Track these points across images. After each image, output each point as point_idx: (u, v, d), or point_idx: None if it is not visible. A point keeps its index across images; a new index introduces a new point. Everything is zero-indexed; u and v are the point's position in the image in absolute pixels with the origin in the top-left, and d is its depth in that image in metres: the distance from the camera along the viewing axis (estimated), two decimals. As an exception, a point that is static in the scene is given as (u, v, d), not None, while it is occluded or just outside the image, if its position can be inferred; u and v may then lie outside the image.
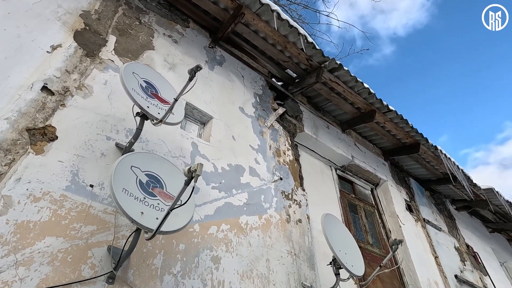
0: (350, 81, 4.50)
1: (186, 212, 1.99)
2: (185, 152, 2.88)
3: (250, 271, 2.61)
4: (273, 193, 3.35)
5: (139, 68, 2.49)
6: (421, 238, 5.05)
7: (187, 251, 2.35)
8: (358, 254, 2.89)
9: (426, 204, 6.04)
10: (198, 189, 2.73)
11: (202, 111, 3.39)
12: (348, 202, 4.76)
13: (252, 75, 4.40)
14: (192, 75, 2.16)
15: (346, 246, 2.83)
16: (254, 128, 3.79)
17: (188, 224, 1.92)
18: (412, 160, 5.98)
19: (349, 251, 2.82)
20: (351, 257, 2.77)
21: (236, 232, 2.74)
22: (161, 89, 2.55)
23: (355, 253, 2.88)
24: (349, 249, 2.84)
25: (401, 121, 4.99)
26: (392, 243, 2.49)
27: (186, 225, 1.90)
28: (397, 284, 4.24)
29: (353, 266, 2.69)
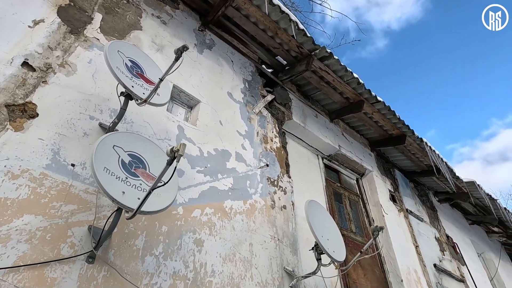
0: (340, 70, 4.50)
1: (168, 193, 1.97)
2: (170, 135, 2.85)
3: (233, 254, 2.62)
4: (259, 179, 3.36)
5: (125, 46, 2.43)
6: (403, 227, 5.16)
7: (170, 233, 2.34)
8: (340, 240, 2.94)
9: (409, 195, 6.16)
10: (183, 172, 2.72)
11: (189, 94, 3.35)
12: (334, 190, 4.81)
13: (241, 61, 4.35)
14: (178, 55, 2.12)
15: (329, 232, 2.87)
16: (242, 114, 3.77)
17: (170, 206, 1.91)
18: (398, 152, 6.06)
19: (331, 237, 2.86)
20: (333, 243, 2.82)
21: (220, 216, 2.74)
22: (147, 70, 2.50)
23: (337, 239, 2.92)
24: (331, 235, 2.88)
25: (388, 112, 5.03)
26: (373, 230, 2.54)
27: (168, 206, 1.89)
28: (378, 271, 4.34)
29: (335, 251, 2.74)
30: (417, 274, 4.62)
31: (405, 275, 4.38)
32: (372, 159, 5.73)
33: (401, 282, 4.28)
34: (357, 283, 3.87)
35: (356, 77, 4.57)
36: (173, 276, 2.19)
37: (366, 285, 3.96)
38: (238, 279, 2.53)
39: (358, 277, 3.96)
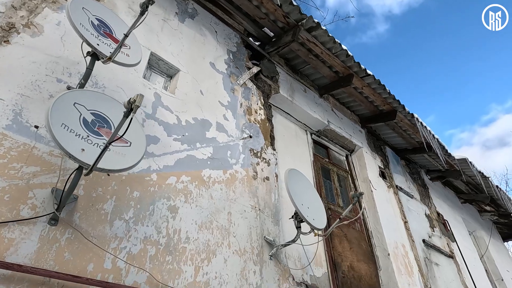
0: (328, 41, 4.37)
1: (134, 154, 1.90)
2: (146, 102, 2.75)
3: (210, 222, 2.57)
4: (241, 150, 3.28)
5: (91, 4, 2.31)
6: (392, 203, 5.13)
7: (142, 198, 2.28)
8: (320, 208, 2.89)
9: (400, 172, 6.11)
10: (158, 139, 2.63)
11: (168, 63, 3.23)
12: (321, 166, 4.75)
13: (226, 31, 4.21)
14: (143, 9, 2.01)
15: (309, 201, 2.81)
16: (225, 84, 3.66)
17: (134, 166, 1.84)
18: (389, 129, 5.98)
19: (312, 206, 2.80)
20: (313, 211, 2.76)
21: (197, 184, 2.68)
22: (117, 30, 2.39)
23: (317, 207, 2.87)
24: (312, 204, 2.83)
25: (378, 87, 4.93)
26: (353, 195, 2.48)
27: (132, 166, 1.81)
28: (365, 245, 4.32)
29: (315, 219, 2.69)
30: (404, 249, 4.61)
31: (392, 249, 4.36)
32: (362, 136, 5.66)
33: (387, 256, 4.27)
34: (342, 256, 3.85)
35: (345, 49, 4.45)
36: (144, 241, 2.13)
37: (352, 258, 3.94)
38: (214, 246, 2.48)
39: (344, 250, 3.94)
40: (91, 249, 1.89)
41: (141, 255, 2.07)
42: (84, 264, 1.84)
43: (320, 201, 2.98)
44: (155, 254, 2.14)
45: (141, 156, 1.90)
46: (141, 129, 2.06)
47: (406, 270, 4.32)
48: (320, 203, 2.97)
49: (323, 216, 2.84)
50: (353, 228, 4.40)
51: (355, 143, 5.36)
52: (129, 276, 1.96)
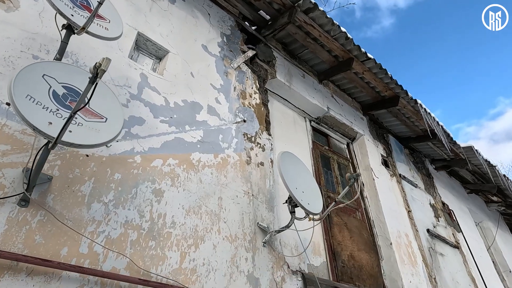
0: (326, 24, 4.20)
1: (110, 130, 1.76)
2: (131, 82, 2.61)
3: (199, 207, 2.43)
4: (234, 134, 3.14)
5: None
6: (395, 192, 4.96)
7: (124, 181, 2.14)
8: (316, 192, 2.74)
9: (403, 161, 5.93)
10: (144, 121, 2.50)
11: (157, 43, 3.09)
12: (321, 154, 4.59)
13: (220, 14, 4.06)
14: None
15: (304, 185, 2.67)
16: (218, 67, 3.51)
17: (109, 142, 1.70)
18: (391, 116, 5.79)
19: (307, 190, 2.66)
20: (308, 195, 2.62)
21: (185, 167, 2.54)
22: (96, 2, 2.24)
23: (313, 191, 2.72)
24: (307, 188, 2.68)
25: (380, 71, 4.74)
26: (349, 177, 2.33)
27: (106, 142, 1.68)
28: (366, 234, 4.17)
29: (310, 204, 2.54)
30: (408, 238, 4.45)
31: (394, 239, 4.21)
32: (364, 123, 5.48)
33: (390, 245, 4.11)
34: (342, 245, 3.70)
35: (343, 32, 4.27)
36: (124, 225, 2.00)
37: (352, 247, 3.80)
38: (203, 232, 2.34)
39: (344, 239, 3.79)
40: (66, 233, 1.76)
41: (121, 239, 1.95)
42: (58, 248, 1.71)
43: (316, 185, 2.83)
44: (136, 239, 2.01)
45: (117, 133, 1.76)
46: (119, 104, 1.93)
47: (409, 259, 4.16)
48: (316, 187, 2.82)
49: (319, 201, 2.69)
50: (354, 217, 4.24)
51: (356, 131, 5.19)
52: (108, 261, 1.83)
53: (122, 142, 2.28)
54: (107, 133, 1.73)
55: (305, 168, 2.87)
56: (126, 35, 2.86)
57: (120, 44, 2.75)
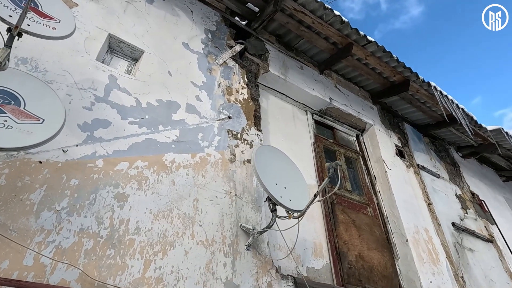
0: (317, 9, 3.93)
1: (45, 132, 1.64)
2: (97, 85, 2.51)
3: (169, 210, 2.27)
4: (216, 132, 2.96)
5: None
6: (412, 184, 4.55)
7: (81, 187, 2.02)
8: (302, 188, 2.48)
9: (423, 150, 5.47)
10: (110, 123, 2.38)
11: (131, 44, 2.99)
12: (325, 147, 4.30)
13: (204, 10, 3.92)
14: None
15: (287, 180, 2.43)
16: (201, 64, 3.36)
17: (38, 145, 1.57)
18: (405, 103, 5.37)
19: (291, 185, 2.41)
20: (292, 191, 2.37)
21: (156, 169, 2.39)
22: (46, 4, 2.15)
23: (298, 187, 2.47)
24: (291, 183, 2.44)
25: (384, 55, 4.39)
26: (328, 167, 2.06)
27: (29, 146, 1.55)
28: (378, 231, 3.81)
29: (292, 200, 2.29)
30: (428, 233, 4.03)
31: (411, 235, 3.82)
32: (373, 113, 5.11)
33: (406, 242, 3.74)
34: (349, 245, 3.39)
35: (338, 15, 3.99)
36: (79, 234, 1.87)
37: (361, 246, 3.47)
38: (173, 237, 2.17)
39: (351, 238, 3.48)
40: (8, 244, 1.65)
41: (74, 249, 1.81)
42: (-2, 262, 1.60)
43: (302, 179, 2.58)
44: (92, 247, 1.86)
45: (52, 134, 1.63)
46: (60, 104, 1.81)
47: (430, 257, 3.76)
48: (302, 181, 2.56)
49: (304, 196, 2.43)
50: (364, 213, 3.91)
51: (365, 121, 4.84)
52: (56, 273, 1.70)
53: (82, 146, 2.17)
54: (41, 135, 1.61)
55: (289, 161, 2.63)
56: (95, 38, 2.78)
57: (88, 47, 2.67)
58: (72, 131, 2.19)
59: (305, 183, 2.56)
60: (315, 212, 3.48)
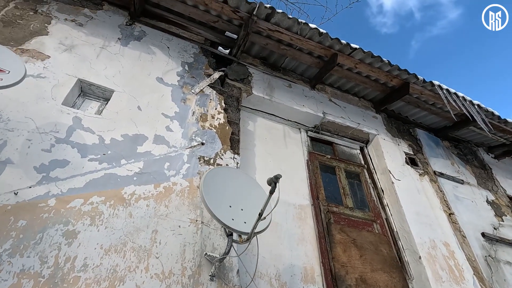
0: (292, 25, 3.90)
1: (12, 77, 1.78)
2: (60, 127, 2.62)
3: (123, 244, 2.21)
4: (185, 160, 2.92)
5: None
6: (427, 193, 4.12)
7: (29, 227, 2.05)
8: (260, 208, 2.30)
9: (441, 155, 4.99)
10: (68, 162, 2.44)
11: (101, 86, 3.12)
12: (321, 164, 4.07)
13: (181, 45, 4.04)
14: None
15: (247, 201, 2.28)
16: (174, 96, 3.41)
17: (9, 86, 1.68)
18: (413, 107, 5.02)
19: (250, 207, 2.26)
20: (252, 213, 2.21)
21: (112, 204, 2.37)
22: None
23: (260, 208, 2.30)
24: (251, 204, 2.28)
25: (374, 60, 4.19)
26: (268, 182, 1.90)
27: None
28: (386, 250, 3.44)
29: (247, 222, 2.14)
30: (448, 248, 3.57)
31: (426, 251, 3.40)
32: (377, 122, 4.81)
33: (419, 259, 3.32)
34: (347, 267, 3.08)
35: (314, 28, 3.91)
36: (19, 275, 1.86)
37: (363, 268, 3.13)
38: (124, 272, 2.09)
39: (350, 259, 3.16)
40: None
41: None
42: None
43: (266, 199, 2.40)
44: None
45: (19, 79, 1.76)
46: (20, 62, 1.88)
47: (451, 275, 3.29)
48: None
49: (267, 218, 2.25)
50: (368, 231, 3.57)
51: (367, 132, 4.55)
52: (-12, 317, 1.69)
53: (36, 187, 2.23)
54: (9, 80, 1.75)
55: (252, 182, 2.49)
56: (63, 84, 2.93)
57: (54, 93, 2.82)
58: (26, 173, 2.27)
59: (275, 204, 2.39)
60: (307, 233, 3.24)
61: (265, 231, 2.87)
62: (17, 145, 2.38)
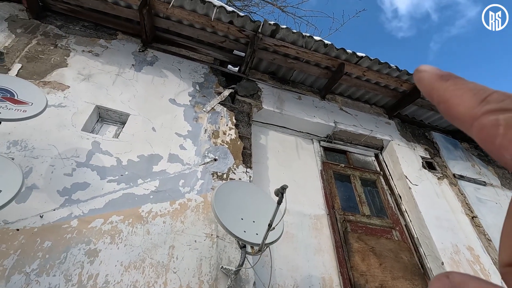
0: (297, 39, 4.00)
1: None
2: (80, 152, 2.78)
3: (142, 260, 2.30)
4: (199, 176, 3.02)
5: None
6: (446, 197, 4.03)
7: (54, 248, 2.17)
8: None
9: (461, 157, 4.88)
10: (88, 184, 2.58)
11: (117, 111, 3.30)
12: (336, 173, 4.07)
13: (191, 66, 4.20)
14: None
15: (258, 213, 2.34)
16: (187, 115, 3.55)
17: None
18: (428, 110, 4.96)
19: (262, 219, 2.31)
20: (263, 225, 2.26)
21: (131, 222, 2.48)
22: (21, 92, 2.52)
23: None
24: (263, 216, 2.33)
25: (382, 67, 4.21)
26: (276, 192, 1.95)
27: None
28: (407, 257, 3.37)
29: (259, 234, 2.19)
30: (473, 252, 3.46)
31: (448, 256, 3.32)
32: (391, 128, 4.78)
33: (441, 265, 3.24)
34: (367, 276, 3.04)
35: (319, 40, 3.99)
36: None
37: (383, 276, 3.09)
38: (143, 287, 2.17)
39: (370, 267, 3.12)
40: (-23, 310, 1.81)
41: (39, 308, 1.91)
42: (-33, 327, 1.75)
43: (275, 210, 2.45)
44: (57, 305, 1.95)
45: (3, 203, 1.83)
46: (19, 176, 2.03)
47: (477, 280, 3.17)
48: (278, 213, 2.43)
49: (278, 228, 2.29)
50: (387, 238, 3.52)
51: (381, 138, 4.53)
52: (18, 334, 1.80)
53: (59, 209, 2.37)
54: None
55: (263, 195, 2.54)
56: (83, 111, 3.12)
57: (74, 121, 3.01)
58: (51, 197, 2.42)
59: (283, 214, 2.43)
60: (324, 243, 3.23)
61: (281, 243, 2.92)
62: (42, 171, 2.55)
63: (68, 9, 4.00)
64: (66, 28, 3.90)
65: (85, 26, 4.05)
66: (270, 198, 2.54)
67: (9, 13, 3.77)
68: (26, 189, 2.41)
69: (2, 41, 3.45)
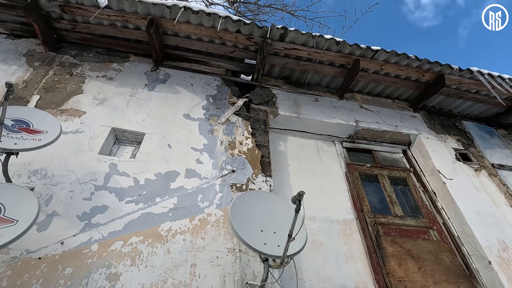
0: (307, 40, 3.90)
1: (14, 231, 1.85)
2: (98, 175, 2.79)
3: (163, 281, 2.23)
4: (218, 189, 2.94)
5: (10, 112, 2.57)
6: (486, 189, 3.71)
7: (75, 274, 2.15)
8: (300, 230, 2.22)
9: (499, 145, 4.52)
10: (107, 207, 2.57)
11: (133, 131, 3.31)
12: (362, 174, 3.87)
13: (204, 80, 4.19)
14: (5, 96, 2.12)
15: (279, 224, 2.21)
16: (202, 129, 3.51)
17: (6, 245, 1.76)
18: (456, 99, 4.66)
19: (283, 228, 2.19)
20: (284, 236, 2.14)
21: (150, 242, 2.43)
22: (36, 122, 2.56)
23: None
24: (284, 226, 2.21)
25: (400, 59, 4.01)
26: (293, 200, 1.83)
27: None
28: (449, 258, 3.11)
29: (281, 245, 2.06)
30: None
31: (495, 254, 3.03)
32: (417, 121, 4.52)
33: (489, 265, 2.96)
34: (405, 281, 2.82)
35: (330, 38, 3.86)
36: (68, 321, 1.95)
37: (424, 281, 2.85)
38: (166, 310, 2.10)
39: (408, 272, 2.90)
40: None
41: (62, 338, 1.88)
42: None
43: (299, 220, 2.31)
44: (80, 334, 1.91)
45: (18, 233, 1.83)
46: (36, 205, 2.03)
47: (532, 279, 2.87)
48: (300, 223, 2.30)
49: (302, 237, 2.16)
50: (424, 239, 3.28)
51: (407, 133, 4.29)
52: None
53: (80, 235, 2.36)
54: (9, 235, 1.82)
55: (284, 204, 2.42)
56: (99, 135, 3.16)
57: (91, 145, 3.04)
58: (71, 223, 2.42)
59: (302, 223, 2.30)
60: (355, 250, 3.05)
61: (308, 252, 2.77)
62: (61, 197, 2.56)
63: (81, 38, 4.11)
64: (80, 57, 4.01)
65: (98, 52, 4.15)
66: (291, 205, 2.41)
67: (27, 49, 3.93)
68: (47, 216, 2.42)
69: (21, 75, 3.59)
